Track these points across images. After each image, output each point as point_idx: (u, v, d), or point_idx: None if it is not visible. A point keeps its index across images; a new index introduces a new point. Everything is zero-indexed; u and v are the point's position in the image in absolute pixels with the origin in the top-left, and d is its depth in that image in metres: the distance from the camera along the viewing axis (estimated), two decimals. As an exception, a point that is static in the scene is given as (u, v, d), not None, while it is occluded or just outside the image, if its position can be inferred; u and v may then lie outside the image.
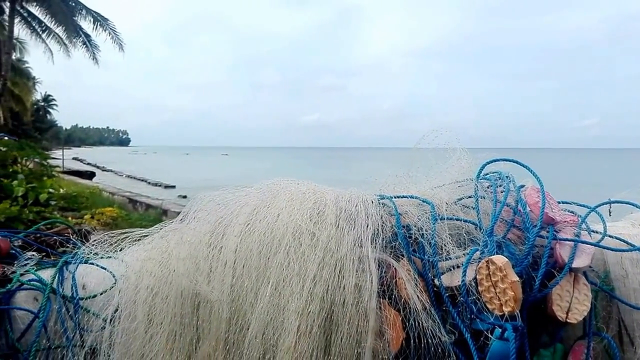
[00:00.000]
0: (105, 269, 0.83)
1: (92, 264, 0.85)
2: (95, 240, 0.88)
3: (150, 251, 0.83)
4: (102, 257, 0.87)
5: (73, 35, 21.17)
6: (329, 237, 0.78)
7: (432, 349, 0.69)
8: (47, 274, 0.85)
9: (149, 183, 26.83)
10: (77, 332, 0.78)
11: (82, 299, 0.79)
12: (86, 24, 21.27)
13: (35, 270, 0.85)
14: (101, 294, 0.79)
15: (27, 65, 32.99)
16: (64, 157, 27.60)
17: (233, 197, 0.89)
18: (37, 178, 10.47)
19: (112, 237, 0.89)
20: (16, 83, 28.95)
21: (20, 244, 0.96)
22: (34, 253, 0.89)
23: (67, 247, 1.01)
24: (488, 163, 0.96)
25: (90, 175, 23.08)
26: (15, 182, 9.16)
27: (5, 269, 0.85)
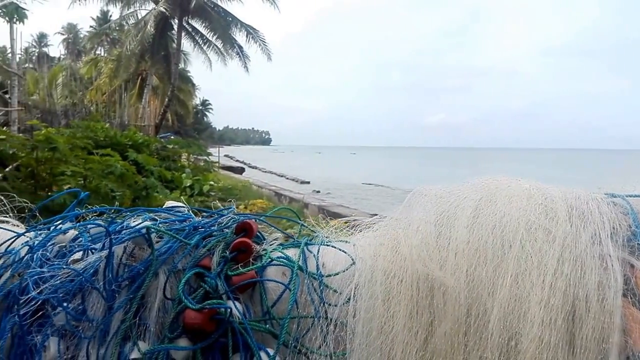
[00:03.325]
0: (344, 251, 0.94)
1: (332, 246, 0.96)
2: (330, 226, 1.01)
3: (380, 237, 0.92)
4: (338, 241, 0.98)
5: (229, 47, 23.49)
6: (564, 233, 0.78)
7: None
8: (290, 253, 0.99)
9: (287, 178, 28.58)
10: (323, 305, 0.89)
11: (327, 276, 0.91)
12: (239, 37, 23.42)
13: (281, 250, 1.00)
14: (344, 271, 0.90)
15: (189, 74, 37.44)
16: (219, 155, 30.78)
17: (452, 191, 0.94)
18: (201, 172, 11.87)
19: (345, 224, 1.01)
20: (181, 89, 33.09)
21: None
22: (278, 234, 1.05)
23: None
24: None
25: (240, 171, 25.46)
26: (184, 175, 10.53)
27: (257, 247, 1.01)
